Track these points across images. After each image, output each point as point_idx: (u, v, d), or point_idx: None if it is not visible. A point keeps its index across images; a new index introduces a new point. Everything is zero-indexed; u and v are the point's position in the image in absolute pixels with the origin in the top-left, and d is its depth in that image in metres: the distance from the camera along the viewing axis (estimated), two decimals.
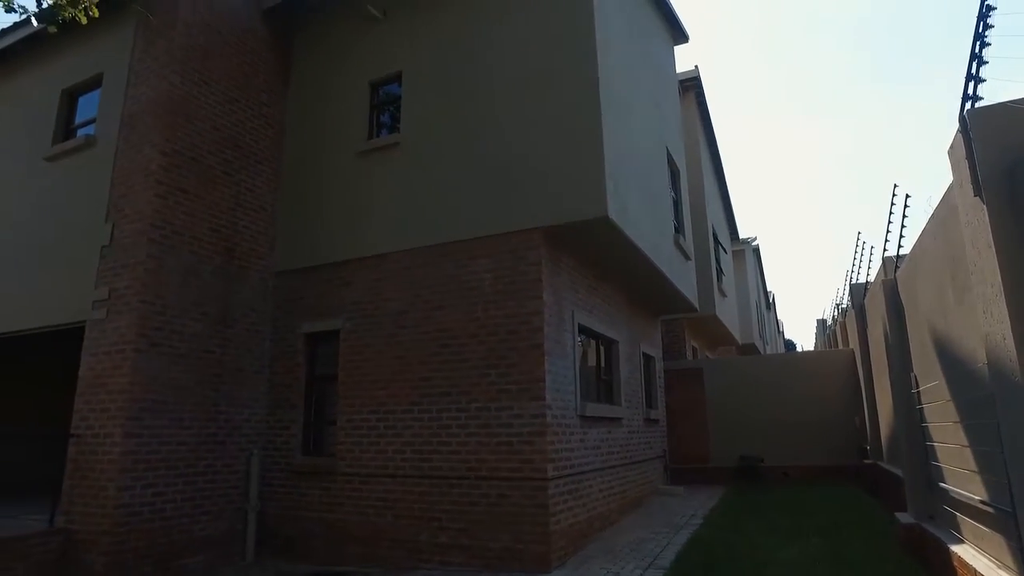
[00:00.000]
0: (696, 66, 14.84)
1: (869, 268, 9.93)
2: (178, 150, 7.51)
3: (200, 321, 7.48)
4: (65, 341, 7.79)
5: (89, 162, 8.00)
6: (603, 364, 9.10)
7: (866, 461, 11.42)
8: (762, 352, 23.80)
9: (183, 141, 7.59)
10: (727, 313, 17.08)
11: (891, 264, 7.44)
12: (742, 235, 22.58)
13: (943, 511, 5.63)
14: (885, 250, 7.85)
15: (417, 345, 7.28)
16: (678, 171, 11.91)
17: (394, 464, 7.13)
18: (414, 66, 8.20)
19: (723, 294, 16.41)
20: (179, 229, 7.40)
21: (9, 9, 4.70)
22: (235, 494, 7.63)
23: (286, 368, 8.20)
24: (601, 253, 8.07)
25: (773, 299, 34.52)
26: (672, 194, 11.23)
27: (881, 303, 7.47)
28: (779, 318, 41.90)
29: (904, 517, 6.51)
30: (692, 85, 15.06)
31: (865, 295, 10.55)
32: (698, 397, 13.79)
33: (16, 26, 8.59)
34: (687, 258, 11.54)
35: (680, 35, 12.38)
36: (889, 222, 7.58)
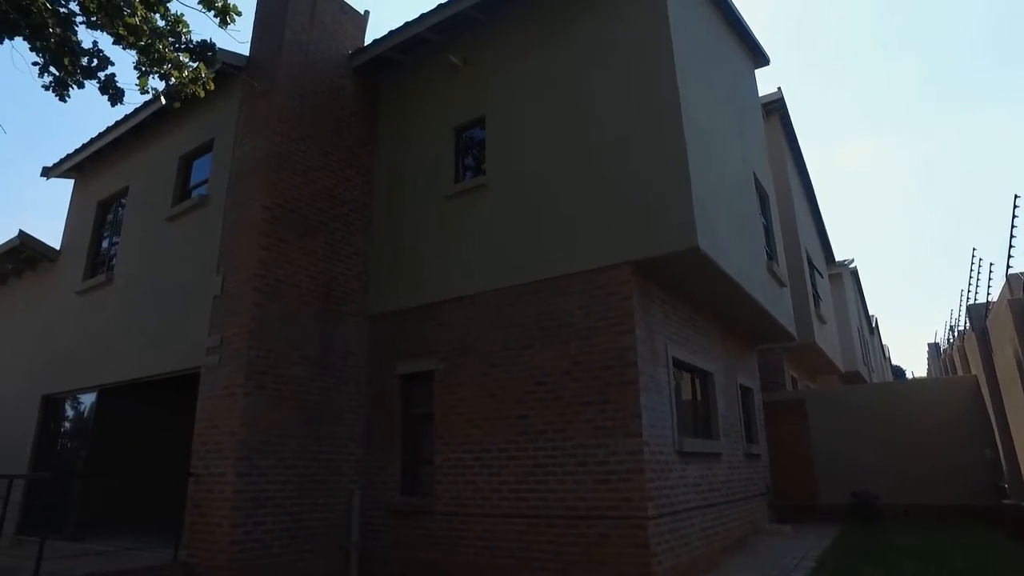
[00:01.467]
0: (779, 88, 14.49)
1: (989, 286, 9.19)
2: (279, 204, 8.00)
3: (301, 365, 7.83)
4: (185, 385, 8.33)
5: (202, 219, 8.66)
6: (699, 397, 8.82)
7: (1006, 501, 10.34)
8: (868, 380, 22.33)
9: (283, 195, 8.08)
10: (827, 340, 16.21)
11: (1018, 282, 6.86)
12: (838, 258, 21.50)
13: None
14: (1009, 267, 7.25)
15: (511, 383, 7.32)
16: (767, 196, 11.56)
17: (491, 503, 7.12)
18: (497, 109, 8.43)
19: (822, 320, 15.60)
20: (281, 278, 7.83)
21: (144, 91, 5.25)
22: (337, 533, 7.83)
23: (383, 409, 8.42)
24: (693, 284, 7.90)
25: (876, 324, 32.47)
26: (762, 220, 10.89)
27: (1009, 324, 6.87)
28: (884, 344, 39.30)
29: None
30: (776, 107, 14.67)
31: (987, 316, 9.74)
32: (801, 430, 13.05)
33: (146, 104, 9.51)
34: (782, 285, 11.09)
35: (760, 58, 12.14)
36: (1012, 236, 7.01)
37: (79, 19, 5.21)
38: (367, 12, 10.11)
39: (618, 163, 7.21)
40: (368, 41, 9.81)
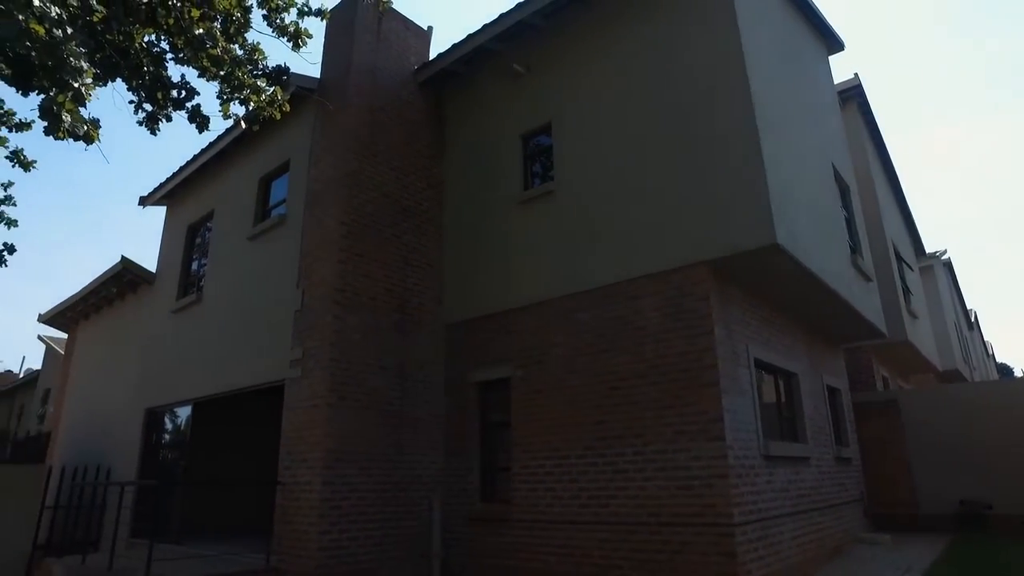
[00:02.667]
0: (856, 73, 13.81)
1: None
2: (354, 219, 8.25)
3: (380, 375, 8.02)
4: (270, 397, 8.68)
5: (282, 237, 9.03)
6: (783, 399, 8.46)
7: None
8: (968, 379, 20.86)
9: (357, 210, 8.33)
10: (921, 337, 15.25)
11: None
12: (928, 249, 20.24)
13: None
14: None
15: (587, 389, 7.25)
16: (847, 188, 11.02)
17: (571, 510, 7.05)
18: (562, 114, 8.42)
19: (913, 316, 14.71)
20: (358, 291, 8.05)
21: (226, 117, 5.56)
22: (419, 540, 7.94)
23: (460, 417, 8.51)
24: (772, 282, 7.61)
25: (976, 318, 30.33)
26: (844, 213, 10.39)
27: None
28: (986, 339, 36.63)
29: None
30: (853, 94, 13.98)
31: None
32: (895, 433, 12.28)
33: (228, 131, 10.06)
34: (868, 279, 10.54)
35: (834, 43, 11.63)
36: None
37: (168, 56, 5.56)
38: (430, 28, 10.33)
39: (689, 161, 7.05)
40: (432, 55, 10.02)
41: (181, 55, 5.44)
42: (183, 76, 5.62)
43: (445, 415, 8.67)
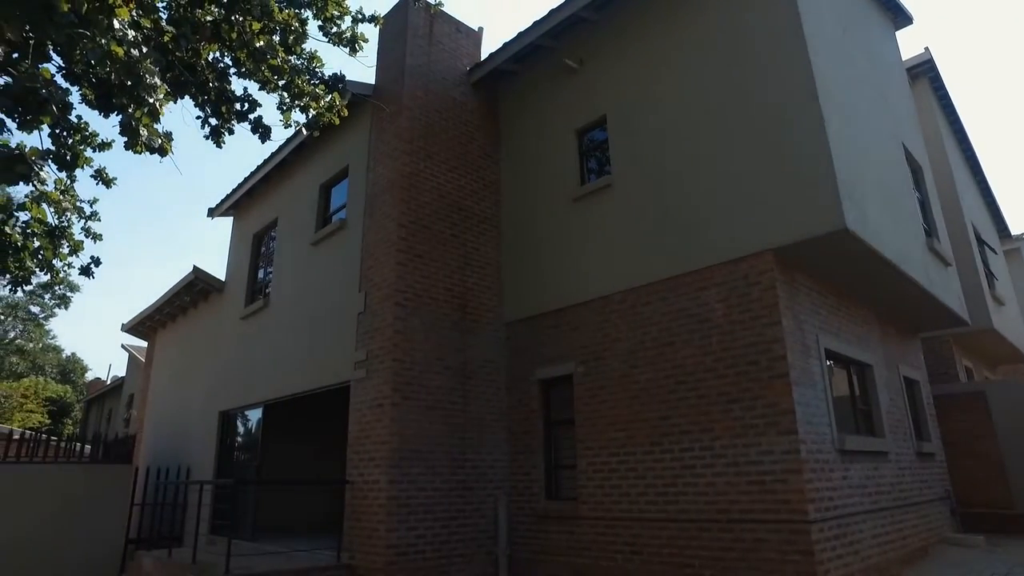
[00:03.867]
0: (926, 48, 13.10)
1: None
2: (412, 221, 8.37)
3: (442, 375, 8.10)
4: (336, 397, 8.91)
5: (343, 242, 9.25)
6: (857, 392, 8.11)
7: None
8: None
9: (416, 212, 8.44)
10: (1008, 324, 14.34)
11: None
12: (1015, 232, 19.02)
13: None
14: None
15: (651, 383, 7.13)
16: (920, 168, 10.48)
17: (638, 507, 6.95)
18: (617, 107, 8.32)
19: (999, 302, 13.85)
20: (419, 292, 8.16)
21: (287, 126, 5.75)
22: (485, 538, 7.98)
23: (523, 415, 8.51)
24: (842, 269, 7.31)
25: None
26: (916, 195, 9.88)
27: None
28: None
29: None
30: (924, 70, 13.29)
31: None
32: (983, 427, 11.57)
33: (288, 142, 10.39)
34: (946, 264, 9.99)
35: (902, 17, 11.09)
36: None
37: (231, 71, 5.78)
38: (481, 28, 10.40)
39: (750, 148, 6.84)
40: (484, 55, 10.07)
41: (243, 69, 5.65)
42: (245, 89, 5.83)
43: (508, 413, 8.69)
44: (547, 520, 7.88)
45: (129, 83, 3.70)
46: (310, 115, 5.70)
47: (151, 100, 3.77)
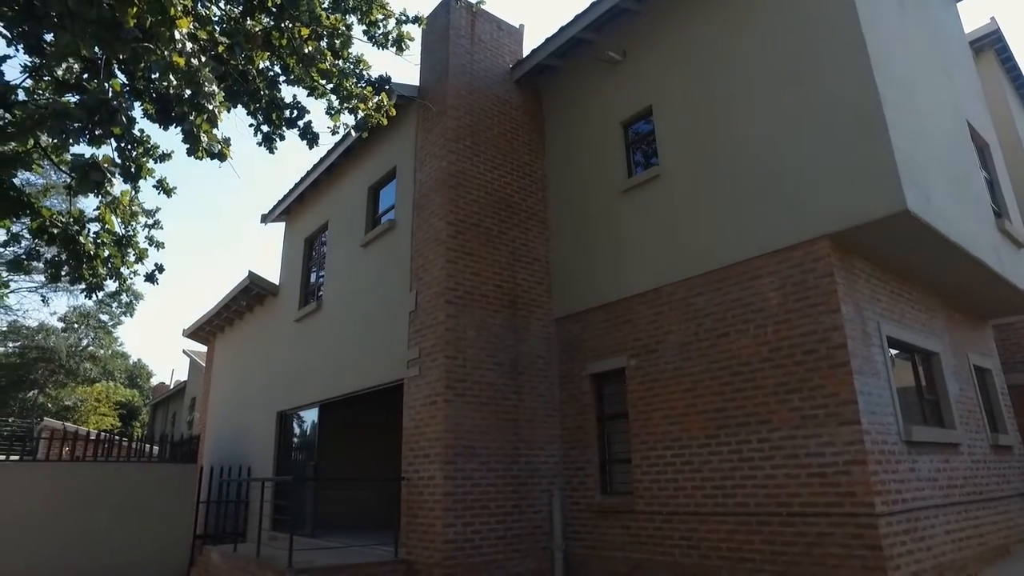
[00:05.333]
0: (992, 18, 12.47)
1: None
2: (460, 219, 8.44)
3: (494, 371, 8.15)
4: (390, 395, 9.05)
5: (393, 242, 9.40)
6: (923, 381, 7.79)
7: None
8: None
9: (463, 211, 8.51)
10: None
11: None
12: None
13: None
14: None
15: (706, 375, 7.02)
16: (987, 146, 9.99)
17: (695, 501, 6.85)
18: (663, 96, 8.20)
19: None
20: (469, 289, 8.23)
21: (335, 132, 5.90)
22: (540, 533, 7.99)
23: (576, 409, 8.49)
24: (904, 253, 7.03)
25: None
26: (983, 174, 9.42)
27: None
28: None
29: None
30: (990, 42, 12.64)
31: None
32: None
33: (336, 146, 10.63)
34: (1019, 245, 9.49)
35: None
36: None
37: (281, 78, 5.96)
38: (522, 26, 10.41)
39: (803, 131, 6.65)
40: (526, 52, 10.07)
41: (293, 75, 5.81)
42: (294, 96, 5.99)
43: (561, 408, 8.67)
44: (602, 515, 7.83)
45: (189, 92, 3.86)
46: (358, 117, 5.82)
47: (210, 107, 3.92)
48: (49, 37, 4.07)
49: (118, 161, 4.86)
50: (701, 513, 6.77)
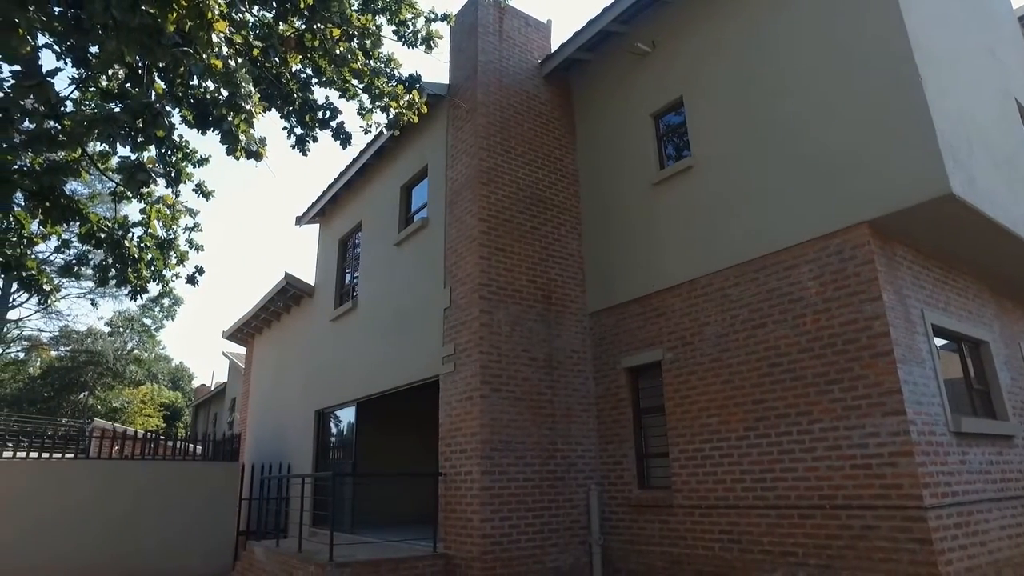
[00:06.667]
0: None
1: None
2: (493, 215, 8.47)
3: (530, 366, 8.16)
4: (426, 391, 9.14)
5: (426, 240, 9.48)
6: (972, 371, 7.55)
7: None
8: None
9: (496, 206, 8.54)
10: None
11: None
12: None
13: None
14: None
15: (744, 367, 6.92)
16: None
17: (734, 494, 6.76)
18: (694, 86, 8.11)
19: None
20: (503, 284, 8.25)
21: (367, 131, 5.98)
22: (578, 528, 7.98)
23: (611, 404, 8.45)
24: (949, 239, 6.82)
25: None
26: None
27: None
28: None
29: None
30: None
31: None
32: None
33: (368, 146, 10.77)
34: None
35: None
36: None
37: (313, 81, 6.06)
38: (549, 21, 10.39)
39: (841, 115, 6.50)
40: (554, 47, 10.05)
41: (325, 77, 5.90)
42: (327, 98, 6.08)
43: (597, 403, 8.65)
44: (640, 509, 7.78)
45: (227, 93, 3.96)
46: (391, 115, 5.89)
47: (247, 106, 4.02)
48: (94, 49, 4.22)
49: (159, 165, 5.01)
50: (741, 507, 6.68)
